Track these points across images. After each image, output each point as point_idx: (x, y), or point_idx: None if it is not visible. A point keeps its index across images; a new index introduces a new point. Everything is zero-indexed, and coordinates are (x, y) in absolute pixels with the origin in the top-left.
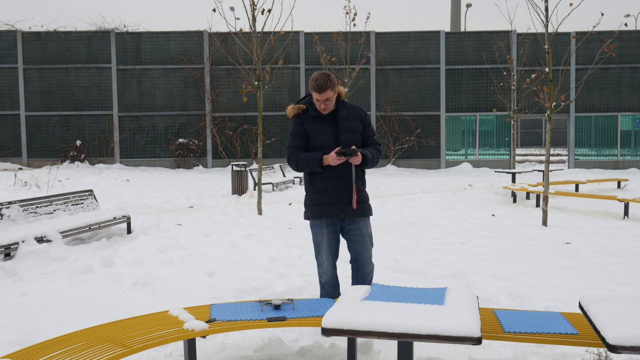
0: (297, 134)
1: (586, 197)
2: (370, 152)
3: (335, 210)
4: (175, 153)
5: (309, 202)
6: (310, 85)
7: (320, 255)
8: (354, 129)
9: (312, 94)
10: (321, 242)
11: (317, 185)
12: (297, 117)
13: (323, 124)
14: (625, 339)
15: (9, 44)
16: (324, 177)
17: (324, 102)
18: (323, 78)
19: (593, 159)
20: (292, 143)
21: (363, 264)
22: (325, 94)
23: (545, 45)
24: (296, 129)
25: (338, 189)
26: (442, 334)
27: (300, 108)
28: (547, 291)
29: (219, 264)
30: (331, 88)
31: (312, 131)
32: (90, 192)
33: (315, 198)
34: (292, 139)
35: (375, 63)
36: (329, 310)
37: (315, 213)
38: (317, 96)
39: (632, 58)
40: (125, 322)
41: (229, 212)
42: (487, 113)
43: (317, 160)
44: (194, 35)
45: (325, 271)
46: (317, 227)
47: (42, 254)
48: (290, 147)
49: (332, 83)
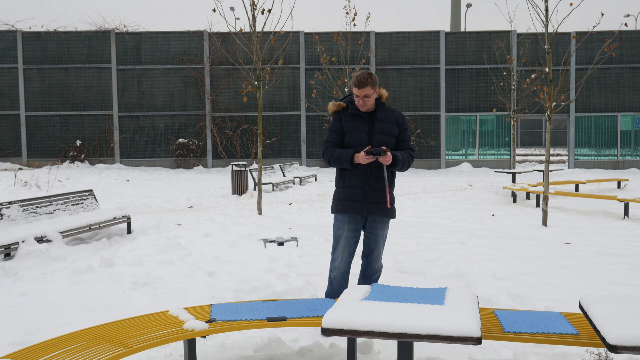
0: (334, 130)
1: (586, 197)
2: (402, 155)
3: (359, 207)
4: (175, 153)
5: (336, 197)
6: (352, 82)
7: (336, 249)
8: (389, 131)
9: (353, 89)
10: (340, 237)
11: (346, 181)
12: (336, 113)
13: (359, 123)
14: (625, 339)
15: (9, 44)
16: (354, 174)
17: (363, 98)
18: (364, 75)
19: (593, 159)
20: (328, 138)
21: (372, 261)
22: (364, 90)
23: (545, 45)
24: (333, 125)
25: (364, 186)
26: (442, 334)
27: (341, 105)
28: (547, 291)
29: (219, 264)
30: (371, 85)
31: (348, 129)
32: (90, 192)
33: (342, 193)
34: (328, 134)
35: (375, 63)
36: (329, 310)
37: (339, 207)
38: (357, 91)
39: (632, 58)
40: (125, 322)
41: (229, 212)
42: (487, 113)
43: (348, 158)
44: (194, 35)
45: (337, 266)
46: (339, 221)
47: (42, 254)
48: (326, 142)
49: (372, 81)
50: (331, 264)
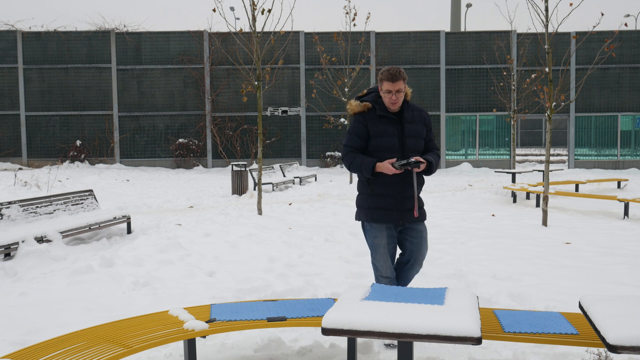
0: (357, 134)
1: (586, 197)
2: (434, 159)
3: (394, 216)
4: (175, 153)
5: (365, 204)
6: (382, 76)
7: (378, 259)
8: (419, 133)
9: (383, 84)
10: (378, 245)
11: (375, 189)
12: (360, 115)
13: (389, 126)
14: (625, 339)
15: (9, 44)
16: (385, 182)
17: (395, 93)
18: (395, 68)
19: (593, 159)
20: (349, 142)
21: (413, 265)
22: (398, 84)
23: (545, 45)
24: (356, 129)
25: (398, 195)
26: (442, 334)
27: (366, 106)
28: (547, 291)
29: (219, 264)
30: (403, 79)
31: (377, 132)
32: (90, 192)
33: (373, 201)
34: (349, 137)
35: (375, 63)
36: (329, 310)
37: (371, 217)
38: (390, 86)
39: (632, 58)
40: (125, 322)
41: (229, 212)
42: (487, 113)
43: (370, 168)
44: (194, 35)
45: (383, 274)
46: (376, 230)
47: (42, 254)
48: (346, 146)
49: (404, 75)
50: (376, 273)
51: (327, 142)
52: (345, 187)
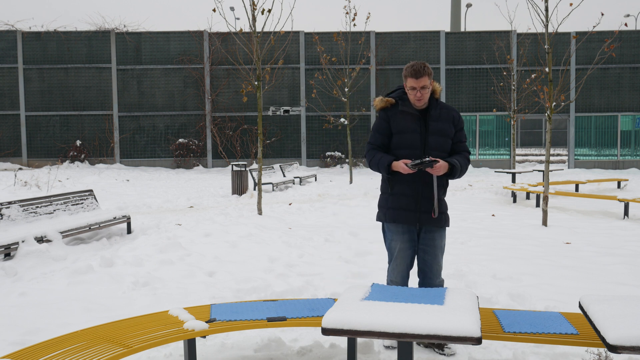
0: (379, 130)
1: (586, 197)
2: (459, 161)
3: (412, 217)
4: (175, 153)
5: (384, 204)
6: (406, 72)
7: (392, 262)
8: (444, 131)
9: (407, 81)
10: (394, 249)
11: (394, 188)
12: (383, 111)
13: (411, 122)
14: (625, 339)
15: (9, 44)
16: (403, 180)
17: (420, 89)
18: (420, 63)
19: (593, 159)
20: (372, 139)
21: (431, 277)
22: (422, 80)
23: (545, 45)
24: (379, 125)
25: (416, 194)
26: (442, 334)
27: (389, 101)
28: (547, 291)
29: (219, 264)
30: (428, 75)
31: (398, 129)
32: (90, 192)
33: (392, 201)
34: (373, 134)
35: (376, 63)
36: (329, 310)
37: (388, 216)
38: (414, 82)
39: (632, 58)
40: (125, 322)
41: (229, 212)
42: (487, 113)
43: (385, 166)
44: (194, 35)
45: (394, 279)
46: (393, 232)
47: (42, 254)
48: (369, 144)
49: (429, 70)
50: (388, 277)
51: (327, 142)
52: (345, 187)
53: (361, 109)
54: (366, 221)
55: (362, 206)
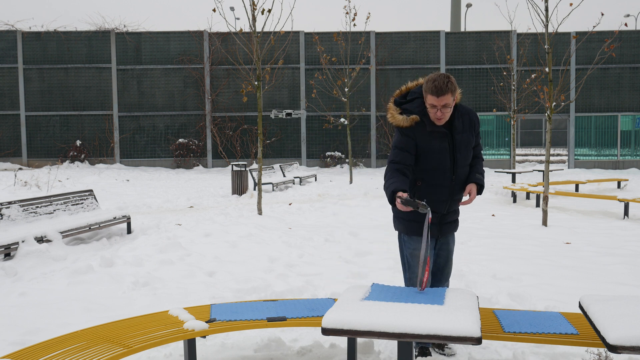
0: (406, 148)
1: (586, 197)
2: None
3: (434, 231)
4: (175, 153)
5: (404, 216)
6: (426, 87)
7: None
8: (469, 143)
9: (427, 97)
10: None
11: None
12: (407, 129)
13: (440, 141)
14: (625, 339)
15: (9, 44)
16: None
17: (441, 108)
18: (443, 79)
19: (593, 159)
20: (396, 158)
21: (440, 280)
22: (444, 99)
23: (545, 45)
24: (405, 143)
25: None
26: (442, 334)
27: (414, 120)
28: (547, 291)
29: (219, 264)
30: (452, 92)
31: (427, 149)
32: (90, 192)
33: (413, 213)
34: (397, 152)
35: (376, 63)
36: (329, 310)
37: (410, 229)
38: (434, 100)
39: (632, 58)
40: (125, 322)
41: (229, 212)
42: (487, 113)
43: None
44: (194, 35)
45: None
46: (415, 241)
47: (42, 254)
48: (393, 163)
49: (453, 86)
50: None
51: (327, 142)
52: (345, 187)
53: (361, 109)
54: (366, 221)
55: (362, 206)
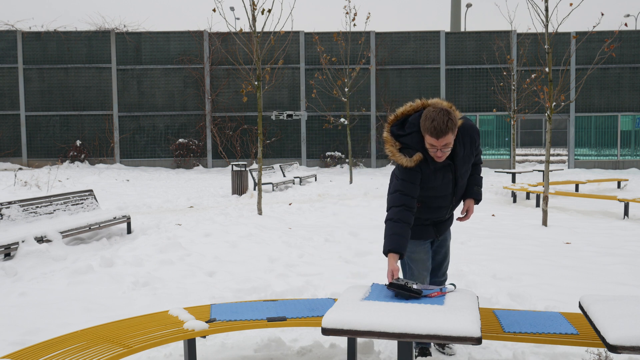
0: (413, 181)
1: (586, 197)
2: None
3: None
4: (175, 153)
5: None
6: (424, 126)
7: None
8: (468, 160)
9: (426, 137)
10: (418, 260)
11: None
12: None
13: (444, 175)
14: (625, 339)
15: (9, 44)
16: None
17: (442, 148)
18: (442, 118)
19: (593, 159)
20: (404, 189)
21: (438, 275)
22: (445, 139)
23: (545, 45)
24: (412, 176)
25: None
26: (442, 334)
27: (419, 159)
28: (547, 291)
29: (219, 264)
30: (452, 131)
31: (432, 183)
32: (90, 192)
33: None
34: (405, 184)
35: (375, 63)
36: (329, 310)
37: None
38: (434, 141)
39: (632, 58)
40: (125, 322)
41: (229, 212)
42: (487, 113)
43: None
44: (194, 35)
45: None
46: (414, 245)
47: (42, 254)
48: (400, 193)
49: (453, 124)
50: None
51: (327, 142)
52: (345, 187)
53: (361, 109)
54: (366, 221)
55: (362, 206)
